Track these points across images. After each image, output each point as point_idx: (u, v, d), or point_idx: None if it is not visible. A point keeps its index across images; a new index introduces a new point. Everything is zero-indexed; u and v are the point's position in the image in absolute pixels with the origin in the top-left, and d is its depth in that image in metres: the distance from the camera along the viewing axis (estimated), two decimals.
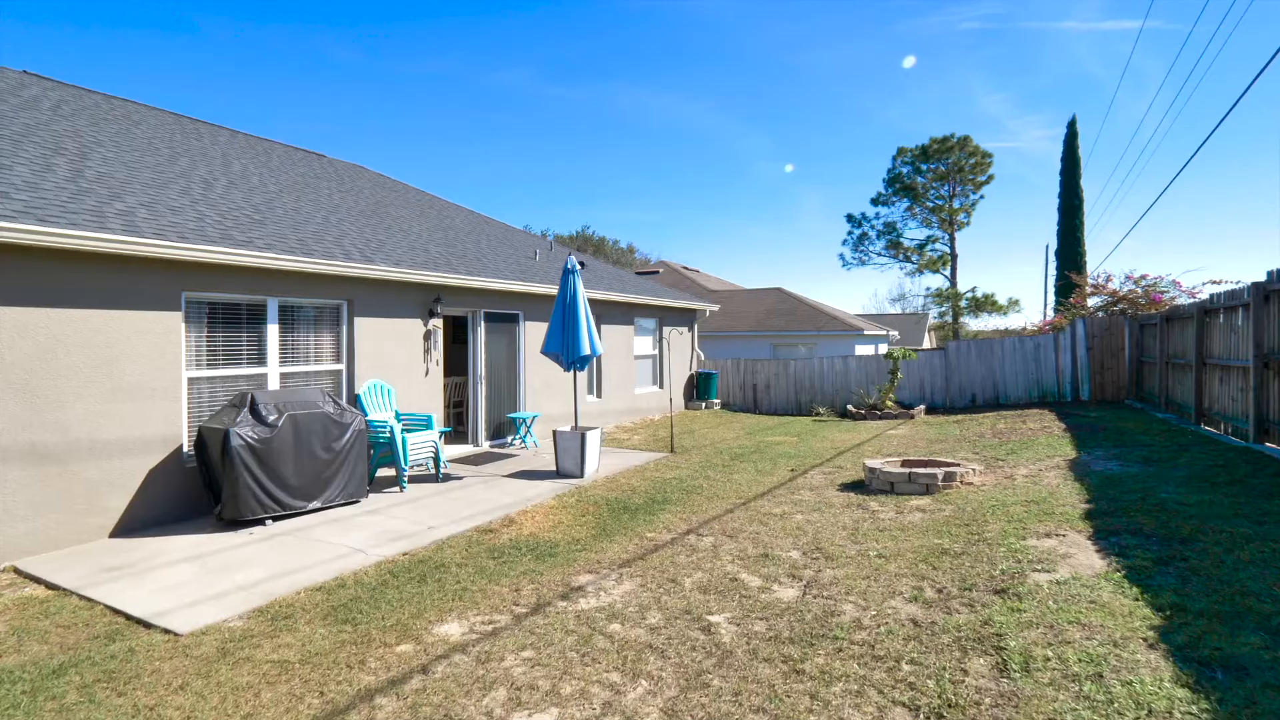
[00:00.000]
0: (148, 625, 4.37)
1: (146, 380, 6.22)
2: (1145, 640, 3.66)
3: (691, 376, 17.51)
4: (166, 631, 4.26)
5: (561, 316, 8.67)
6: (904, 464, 8.34)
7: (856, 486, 8.08)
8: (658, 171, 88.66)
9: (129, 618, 4.48)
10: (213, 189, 8.22)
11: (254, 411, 6.42)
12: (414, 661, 3.87)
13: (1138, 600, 4.14)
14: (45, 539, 5.57)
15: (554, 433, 8.81)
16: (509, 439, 10.91)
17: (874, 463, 8.16)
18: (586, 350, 8.63)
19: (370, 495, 7.53)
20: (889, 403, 15.58)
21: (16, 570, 5.31)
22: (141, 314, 6.18)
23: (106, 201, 6.31)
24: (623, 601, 4.69)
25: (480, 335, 10.33)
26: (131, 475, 6.14)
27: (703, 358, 18.11)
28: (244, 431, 6.20)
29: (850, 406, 15.93)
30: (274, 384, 7.42)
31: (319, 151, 13.17)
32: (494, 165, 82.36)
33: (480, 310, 10.29)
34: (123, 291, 6.04)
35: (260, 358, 7.33)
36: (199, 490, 6.55)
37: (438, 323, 9.42)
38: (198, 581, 5.04)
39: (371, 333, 8.47)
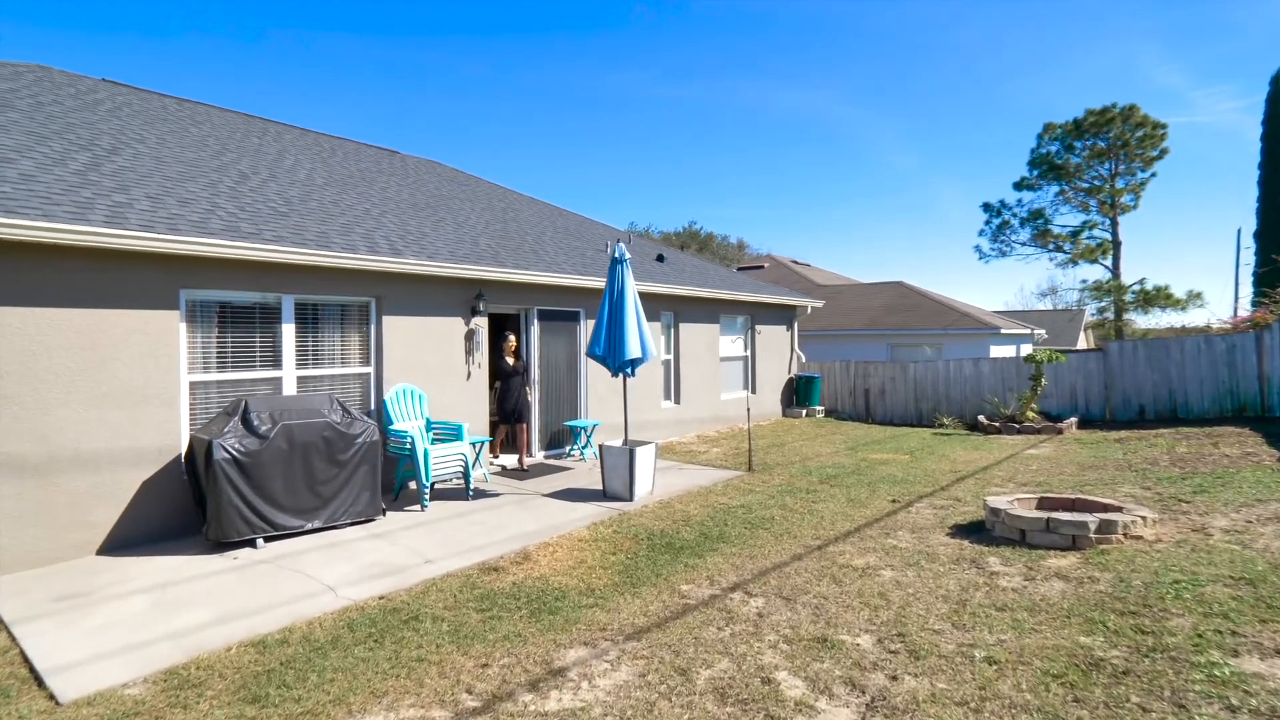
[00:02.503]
0: (41, 683, 3.66)
1: (138, 385, 5.73)
2: None
3: (790, 380, 15.76)
4: (51, 698, 3.52)
5: (608, 314, 7.49)
6: (1041, 503, 6.38)
7: (975, 531, 6.25)
8: (776, 167, 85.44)
9: (32, 670, 3.80)
10: (247, 182, 7.82)
11: (245, 420, 5.77)
12: None
13: None
14: (22, 555, 5.16)
15: (599, 448, 7.65)
16: (567, 449, 9.89)
17: (999, 500, 6.28)
18: (635, 352, 7.38)
19: (389, 514, 6.74)
20: (1030, 413, 13.06)
21: None
22: (132, 313, 5.69)
23: (105, 194, 5.91)
24: (603, 707, 3.40)
25: (533, 335, 9.39)
26: (122, 488, 5.66)
27: (803, 359, 16.29)
28: (229, 443, 5.54)
29: (982, 418, 13.54)
30: (290, 388, 6.81)
31: (391, 149, 12.91)
32: (608, 168, 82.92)
33: (533, 308, 9.34)
34: (110, 289, 5.57)
35: (275, 360, 6.74)
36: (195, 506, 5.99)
37: (481, 321, 8.55)
38: (137, 621, 4.34)
39: (403, 333, 7.72)
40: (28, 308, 5.17)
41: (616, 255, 7.54)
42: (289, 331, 6.80)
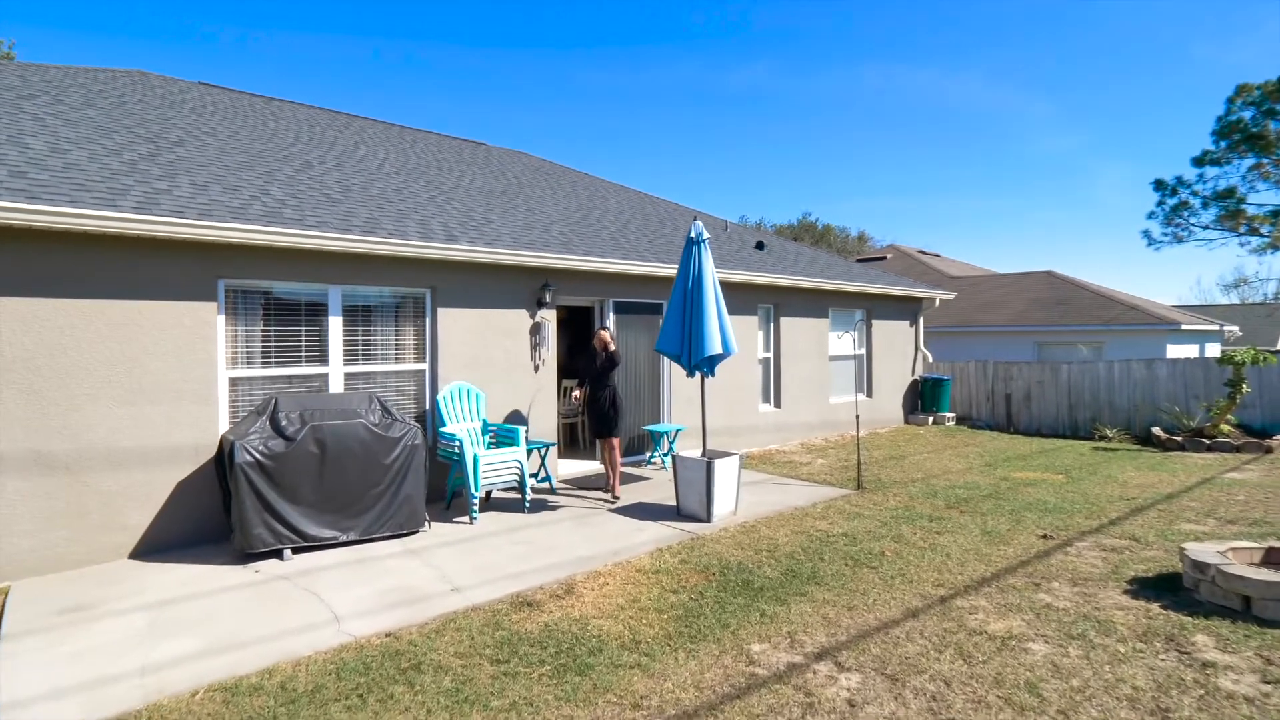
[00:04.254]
0: None
1: (173, 380, 5.40)
2: None
3: (914, 383, 13.88)
4: None
5: (682, 303, 6.43)
6: (1272, 555, 4.61)
7: (1167, 589, 4.62)
8: (904, 156, 79.86)
9: None
10: (308, 171, 7.51)
11: (273, 420, 5.29)
12: None
13: None
14: (53, 557, 4.93)
15: (673, 458, 6.60)
16: (646, 455, 8.92)
17: (1205, 549, 4.59)
18: (714, 348, 6.27)
19: (433, 526, 6.08)
20: (1225, 426, 10.53)
21: None
22: (167, 304, 5.37)
23: (147, 181, 5.66)
24: None
25: (609, 328, 8.49)
26: (155, 489, 5.35)
27: (930, 358, 14.33)
28: (253, 444, 5.05)
29: (1157, 430, 11.13)
30: (336, 385, 6.34)
31: (479, 140, 12.55)
32: (722, 165, 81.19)
33: (608, 299, 8.45)
34: (144, 279, 5.27)
35: (321, 355, 6.29)
36: None
37: (548, 314, 7.77)
38: (121, 647, 3.86)
39: (460, 327, 7.09)
40: (58, 299, 4.94)
41: (693, 235, 6.47)
42: (335, 325, 6.33)
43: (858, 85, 72.45)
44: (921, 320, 14.05)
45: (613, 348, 7.09)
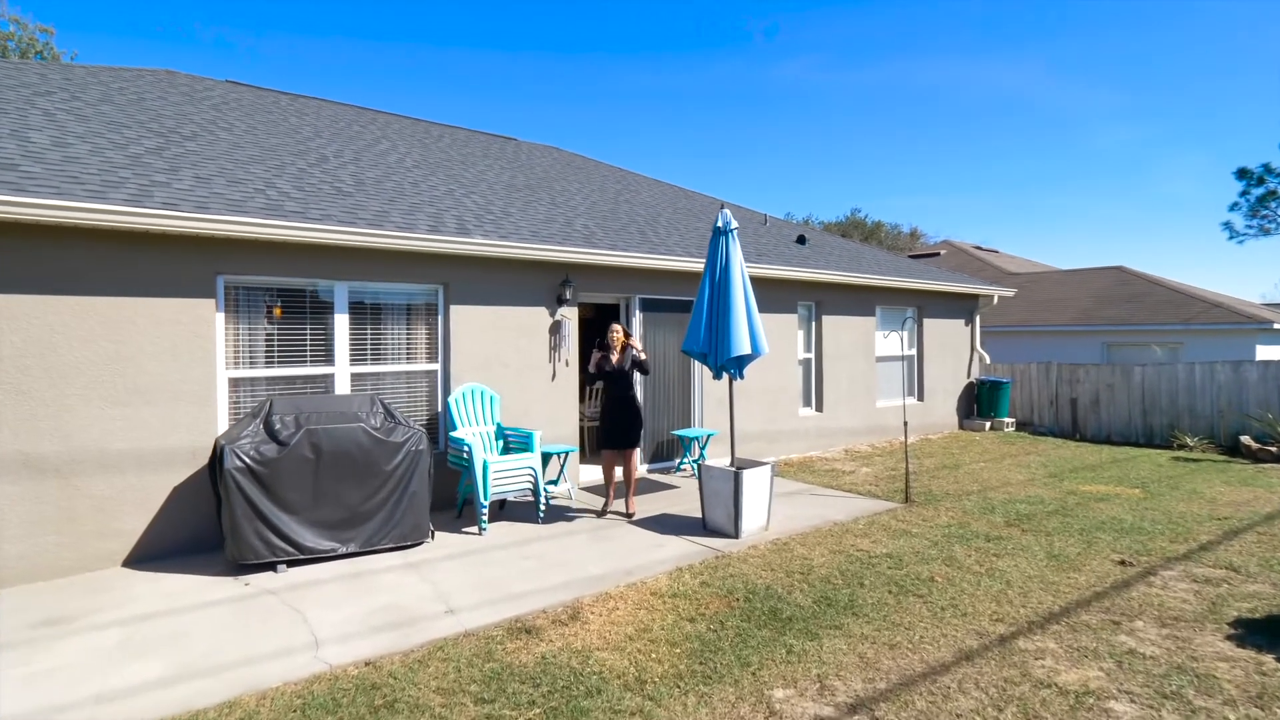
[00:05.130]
0: None
1: (170, 380, 5.17)
2: None
3: (969, 385, 12.96)
4: None
5: (708, 299, 5.89)
6: None
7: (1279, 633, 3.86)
8: (957, 151, 76.96)
9: None
10: (323, 165, 7.27)
11: (267, 423, 4.99)
12: None
13: None
14: (44, 565, 4.73)
15: (699, 468, 6.08)
16: (676, 462, 8.40)
17: None
18: (742, 348, 5.72)
19: (439, 536, 5.71)
20: None
21: None
22: (163, 301, 5.14)
23: (146, 174, 5.45)
24: None
25: (635, 327, 8.01)
26: (151, 493, 5.12)
27: (987, 359, 13.37)
28: (244, 449, 4.76)
29: (1246, 439, 10.03)
30: (343, 386, 6.04)
31: (509, 136, 12.25)
32: (773, 163, 79.77)
33: (634, 296, 7.97)
34: (138, 274, 5.04)
35: (327, 355, 6.00)
36: None
37: (568, 312, 7.34)
38: (83, 669, 3.57)
39: (475, 325, 6.71)
40: (49, 295, 4.74)
41: (719, 225, 5.92)
42: (342, 323, 6.03)
43: (909, 79, 70.13)
44: (978, 319, 13.11)
45: (638, 347, 6.40)
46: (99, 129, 6.14)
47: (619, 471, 6.47)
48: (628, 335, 6.49)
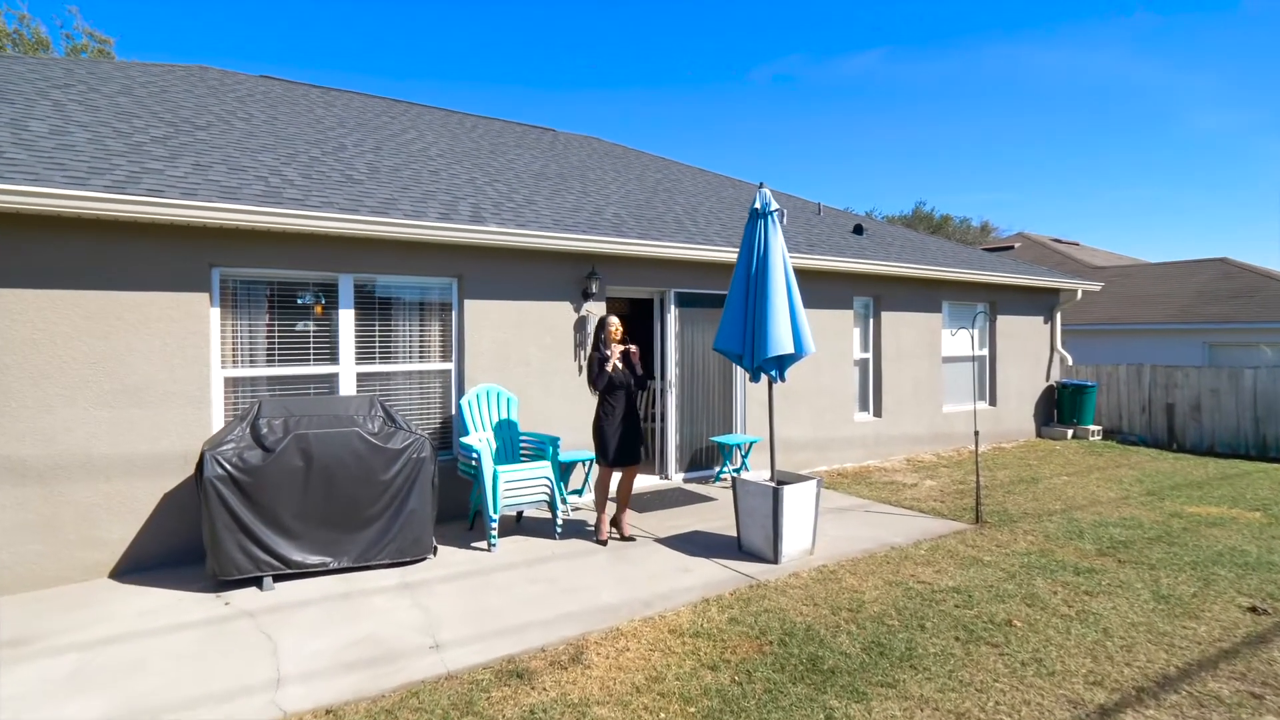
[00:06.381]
0: None
1: (160, 380, 4.84)
2: None
3: (1048, 389, 11.74)
4: None
5: (744, 292, 5.19)
6: None
7: None
8: (1031, 142, 72.80)
9: None
10: (340, 154, 6.91)
11: (254, 427, 4.58)
12: None
13: None
14: (25, 575, 4.46)
15: (733, 482, 5.38)
16: (715, 471, 7.70)
17: None
18: (783, 346, 4.99)
19: (442, 552, 5.20)
20: None
21: None
22: (153, 295, 4.81)
23: (139, 161, 5.15)
24: None
25: (670, 324, 7.36)
26: (139, 501, 4.81)
27: (1069, 361, 12.10)
28: (226, 455, 4.36)
29: None
30: (348, 386, 5.63)
31: (546, 126, 11.76)
32: (834, 156, 77.40)
33: (669, 290, 7.31)
34: (126, 266, 4.73)
35: (331, 354, 5.59)
36: None
37: (595, 307, 6.74)
38: (21, 704, 3.19)
39: (491, 321, 6.21)
40: (30, 289, 4.46)
41: (757, 206, 5.21)
42: (347, 318, 5.62)
43: (977, 68, 66.72)
44: (1059, 316, 11.86)
45: (620, 365, 5.36)
46: (107, 119, 5.93)
47: (612, 488, 5.64)
48: (620, 337, 5.50)
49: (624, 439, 5.35)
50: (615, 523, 5.62)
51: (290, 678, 3.41)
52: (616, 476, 5.58)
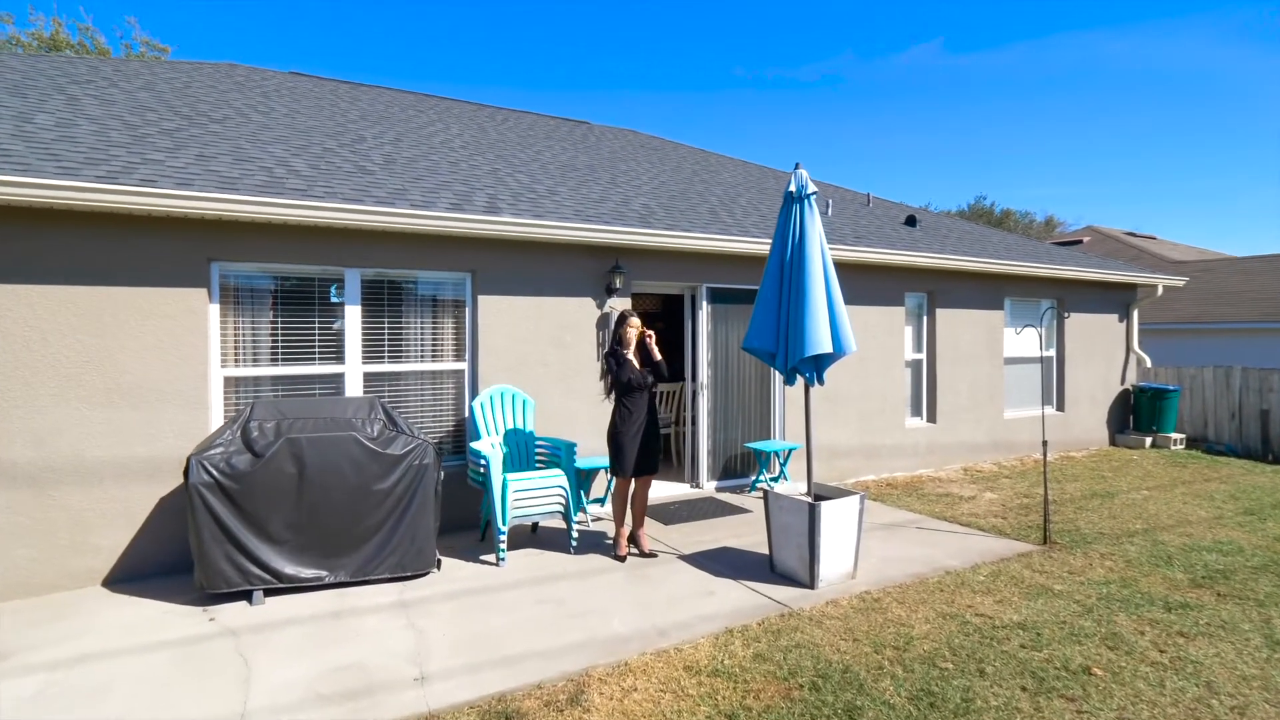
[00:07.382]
0: None
1: (155, 380, 4.62)
2: None
3: (1124, 393, 10.73)
4: None
5: (777, 285, 4.65)
6: None
7: None
8: (1100, 134, 69.03)
9: None
10: (358, 145, 6.65)
11: (245, 431, 4.30)
12: None
13: None
14: (17, 581, 4.29)
15: (764, 497, 4.84)
16: (751, 479, 7.15)
17: None
18: (822, 345, 4.43)
19: (445, 566, 4.83)
20: None
21: None
22: (147, 291, 4.59)
23: (139, 152, 4.94)
24: None
25: (702, 321, 6.85)
26: (134, 506, 4.59)
27: (1147, 362, 11.04)
28: (213, 461, 4.08)
29: None
30: (354, 387, 5.33)
31: (580, 119, 11.37)
32: (889, 151, 74.99)
33: (701, 285, 6.80)
34: (120, 260, 4.52)
35: (337, 353, 5.30)
36: None
37: (619, 303, 6.29)
38: None
39: (507, 318, 5.83)
40: (19, 285, 4.28)
41: (792, 190, 4.67)
42: (354, 315, 5.32)
43: (1043, 59, 63.68)
44: (1135, 314, 10.83)
45: (639, 366, 4.95)
46: (120, 113, 5.80)
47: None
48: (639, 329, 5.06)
49: (643, 448, 4.88)
50: (633, 538, 5.15)
51: (258, 711, 3.06)
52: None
